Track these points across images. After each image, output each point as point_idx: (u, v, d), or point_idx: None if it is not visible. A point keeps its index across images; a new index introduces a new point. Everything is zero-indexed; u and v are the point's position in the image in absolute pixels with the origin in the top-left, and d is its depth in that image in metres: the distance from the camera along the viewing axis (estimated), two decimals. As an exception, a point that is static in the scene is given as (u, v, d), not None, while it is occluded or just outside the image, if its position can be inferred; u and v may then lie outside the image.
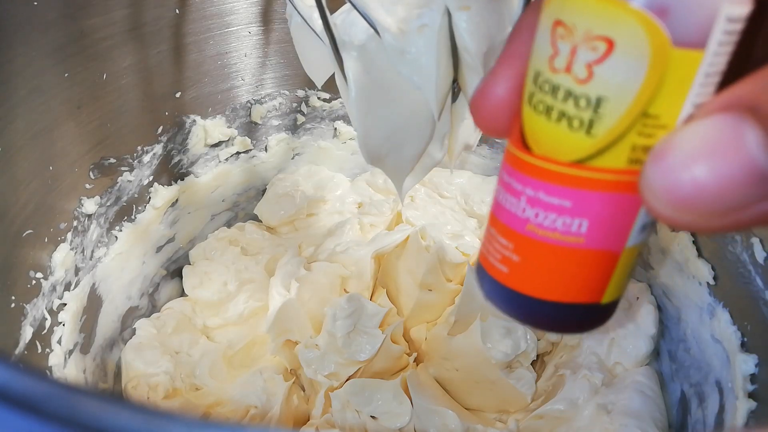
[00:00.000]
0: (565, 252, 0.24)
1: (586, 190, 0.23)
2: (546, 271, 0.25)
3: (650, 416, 0.55)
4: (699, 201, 0.20)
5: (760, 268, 0.50)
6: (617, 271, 0.25)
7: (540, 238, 0.25)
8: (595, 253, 0.24)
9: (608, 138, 0.22)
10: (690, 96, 0.21)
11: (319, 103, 0.76)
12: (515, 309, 0.27)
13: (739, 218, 0.20)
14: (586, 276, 0.25)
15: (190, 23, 0.63)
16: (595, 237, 0.24)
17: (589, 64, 0.22)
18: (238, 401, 0.61)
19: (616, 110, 0.22)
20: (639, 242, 0.25)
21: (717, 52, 0.21)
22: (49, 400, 0.20)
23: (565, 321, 0.26)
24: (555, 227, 0.24)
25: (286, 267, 0.66)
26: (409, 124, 0.42)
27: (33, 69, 0.50)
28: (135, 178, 0.64)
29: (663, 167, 0.20)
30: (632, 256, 0.25)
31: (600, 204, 0.23)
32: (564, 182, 0.23)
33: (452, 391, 0.62)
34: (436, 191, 0.79)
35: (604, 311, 0.26)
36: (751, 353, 0.51)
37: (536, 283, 0.26)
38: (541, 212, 0.24)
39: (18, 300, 0.51)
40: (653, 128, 0.22)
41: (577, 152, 0.23)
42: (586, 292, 0.25)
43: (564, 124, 0.23)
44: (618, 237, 0.24)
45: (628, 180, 0.23)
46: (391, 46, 0.39)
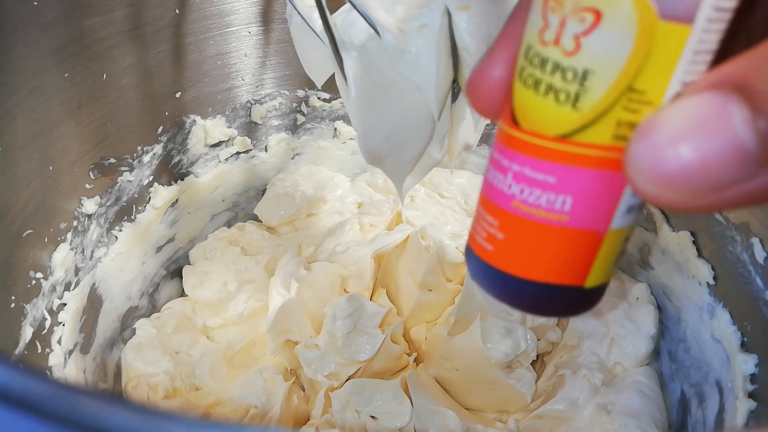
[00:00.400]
0: (548, 230, 0.24)
1: (571, 165, 0.23)
2: (529, 249, 0.25)
3: (650, 416, 0.55)
4: (682, 179, 0.20)
5: (760, 268, 0.50)
6: (601, 254, 0.25)
7: (524, 215, 0.25)
8: (579, 232, 0.24)
9: (594, 112, 0.22)
10: (677, 72, 0.21)
11: (319, 103, 0.76)
12: (498, 288, 0.27)
13: (722, 198, 0.20)
14: (569, 256, 0.25)
15: (190, 23, 0.63)
16: (578, 215, 0.24)
17: (576, 35, 0.22)
18: (238, 401, 0.61)
19: (602, 83, 0.22)
20: (625, 225, 0.24)
21: (706, 29, 0.21)
22: (49, 400, 0.20)
23: (547, 303, 0.26)
24: (539, 204, 0.24)
25: (286, 267, 0.66)
26: (409, 124, 0.42)
27: (33, 69, 0.50)
28: (135, 178, 0.64)
29: (648, 144, 0.20)
30: (617, 239, 0.25)
31: (584, 181, 0.23)
32: (549, 157, 0.23)
33: (452, 391, 0.62)
34: (436, 191, 0.79)
35: (587, 296, 0.26)
36: (751, 353, 0.51)
37: (519, 262, 0.26)
38: (526, 188, 0.24)
39: (18, 300, 0.51)
40: (639, 104, 0.22)
41: (562, 126, 0.23)
42: (569, 274, 0.25)
43: (551, 97, 0.23)
44: (602, 217, 0.24)
45: (613, 157, 0.22)
46: (391, 46, 0.39)
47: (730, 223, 0.53)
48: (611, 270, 0.26)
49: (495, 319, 0.60)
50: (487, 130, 0.75)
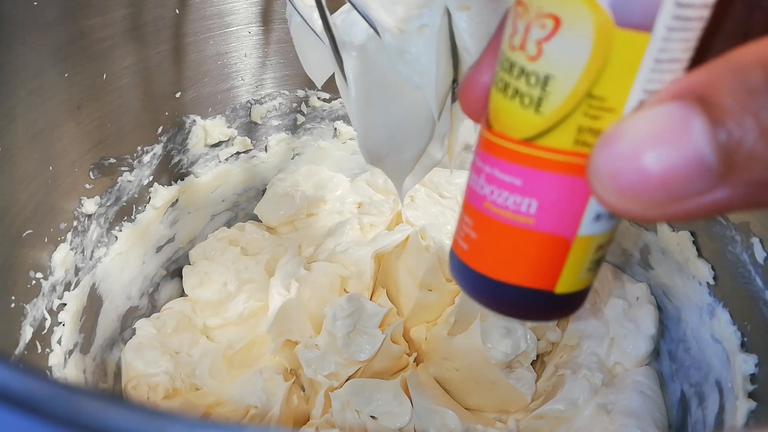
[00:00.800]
0: (515, 232, 0.25)
1: (535, 169, 0.23)
2: (498, 250, 0.25)
3: (650, 416, 0.55)
4: (642, 190, 0.20)
5: (760, 268, 0.50)
6: (571, 261, 0.25)
7: (494, 216, 0.25)
8: (545, 236, 0.24)
9: (555, 116, 0.22)
10: (639, 80, 0.21)
11: (319, 103, 0.76)
12: (471, 287, 0.27)
13: (682, 209, 0.20)
14: (536, 259, 0.25)
15: (190, 23, 0.63)
16: (544, 219, 0.24)
17: (539, 41, 0.22)
18: (238, 401, 0.61)
19: (562, 89, 0.22)
20: (595, 233, 0.24)
21: (667, 38, 0.21)
22: (49, 400, 0.20)
23: (516, 305, 0.26)
24: (507, 206, 0.24)
25: (286, 267, 0.66)
26: (409, 124, 0.42)
27: (33, 69, 0.50)
28: (135, 178, 0.64)
29: (610, 153, 0.20)
30: (588, 247, 0.25)
31: (548, 184, 0.23)
32: (515, 160, 0.24)
33: (452, 391, 0.62)
34: (436, 191, 0.79)
35: (559, 302, 0.26)
36: (751, 353, 0.51)
37: (490, 263, 0.26)
38: (495, 189, 0.25)
39: (18, 300, 0.51)
40: (599, 110, 0.22)
41: (527, 130, 0.23)
42: (537, 277, 0.25)
43: (517, 101, 0.23)
44: (568, 222, 0.24)
45: (576, 162, 0.23)
46: (391, 46, 0.39)
47: (730, 223, 0.53)
48: (586, 278, 0.26)
49: (495, 319, 0.60)
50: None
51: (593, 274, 0.26)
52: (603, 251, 0.25)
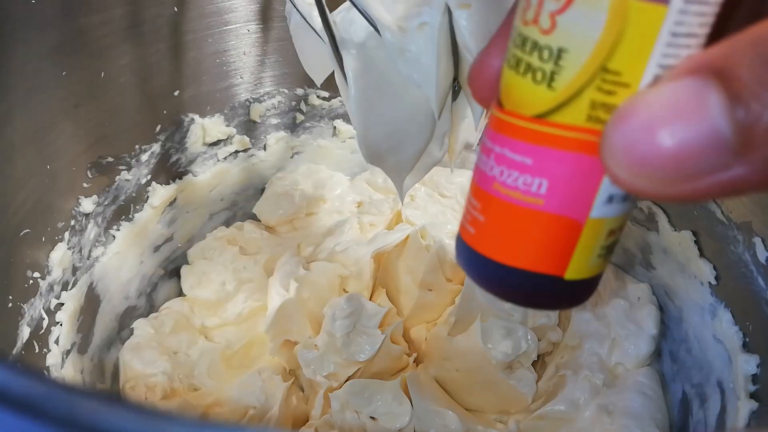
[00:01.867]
0: (525, 213, 0.24)
1: (546, 146, 0.23)
2: (507, 232, 0.25)
3: (651, 417, 0.55)
4: (657, 166, 0.19)
5: (761, 268, 0.50)
6: (581, 245, 0.24)
7: (503, 197, 0.25)
8: (555, 218, 0.24)
9: (568, 91, 0.22)
10: (654, 55, 0.21)
11: (318, 101, 0.75)
12: (479, 273, 0.27)
13: (696, 188, 0.19)
14: (546, 242, 0.24)
15: (188, 21, 0.63)
16: (554, 200, 0.23)
17: (552, 13, 0.22)
18: (236, 402, 0.61)
19: (576, 62, 0.22)
20: (607, 216, 0.24)
21: (684, 10, 0.20)
22: (46, 401, 0.19)
23: (524, 290, 0.26)
24: (517, 186, 0.24)
25: (285, 267, 0.66)
26: (410, 122, 0.42)
27: (30, 67, 0.50)
28: (133, 177, 0.64)
29: (624, 128, 0.20)
30: (600, 230, 0.24)
31: (559, 163, 0.23)
32: (526, 138, 0.23)
33: (452, 391, 0.62)
34: (437, 190, 0.78)
35: (568, 289, 0.25)
36: (752, 353, 0.51)
37: (498, 246, 0.26)
38: (505, 170, 0.24)
39: (15, 300, 0.51)
40: (614, 85, 0.21)
41: (539, 106, 0.23)
42: (547, 262, 0.25)
43: (529, 77, 0.23)
44: (580, 204, 0.23)
45: (589, 140, 0.22)
46: (391, 45, 0.39)
47: (732, 222, 0.53)
48: (597, 264, 0.25)
49: (495, 320, 0.60)
50: (487, 130, 0.75)
51: (604, 261, 0.26)
52: (615, 237, 0.25)
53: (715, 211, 0.55)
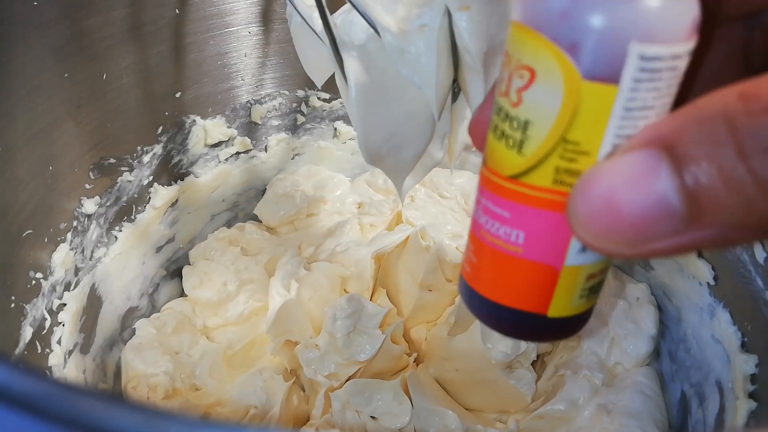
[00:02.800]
0: (507, 259, 0.26)
1: (520, 204, 0.25)
2: (493, 274, 0.27)
3: (650, 416, 0.55)
4: (615, 231, 0.21)
5: (760, 268, 0.50)
6: (560, 288, 0.26)
7: (489, 243, 0.27)
8: (533, 264, 0.26)
9: (534, 158, 0.24)
10: (610, 127, 0.22)
11: (319, 103, 0.76)
12: (474, 307, 0.29)
13: (652, 249, 0.21)
14: (527, 285, 0.26)
15: (190, 23, 0.63)
16: (531, 249, 0.25)
17: (518, 89, 0.24)
18: (237, 401, 0.61)
19: (540, 133, 0.23)
20: (582, 263, 0.25)
21: (635, 88, 0.22)
22: (49, 400, 0.19)
23: (512, 325, 0.28)
24: (498, 235, 0.26)
25: (285, 267, 0.66)
26: (410, 124, 0.42)
27: (32, 68, 0.50)
28: (135, 178, 0.64)
29: (585, 197, 0.21)
30: (576, 276, 0.26)
31: (533, 218, 0.25)
32: (503, 194, 0.25)
33: (452, 391, 0.62)
34: (436, 191, 0.79)
35: (554, 325, 0.27)
36: (751, 353, 0.51)
37: (487, 285, 0.28)
38: (489, 220, 0.26)
39: (18, 300, 0.51)
40: (574, 153, 0.23)
41: (511, 168, 0.25)
42: (529, 301, 0.27)
43: (503, 142, 0.25)
44: (554, 254, 0.25)
45: (556, 199, 0.24)
46: (391, 46, 0.39)
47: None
48: (581, 304, 0.27)
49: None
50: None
51: (588, 300, 0.27)
52: (595, 279, 0.27)
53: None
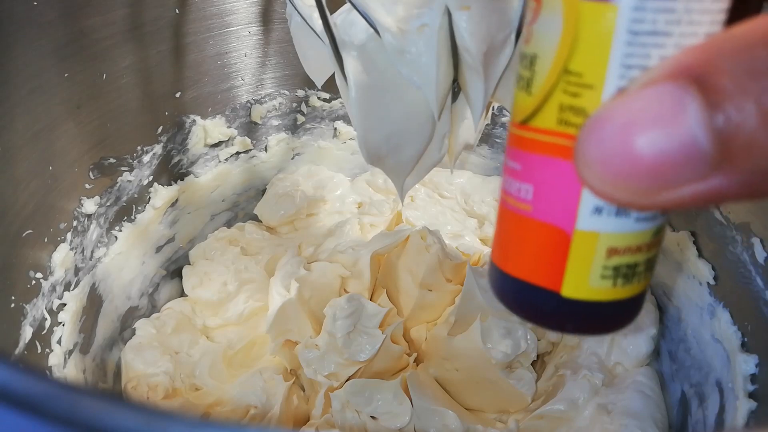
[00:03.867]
0: (517, 220, 0.25)
1: (528, 151, 0.23)
2: (505, 240, 0.26)
3: (650, 416, 0.55)
4: (632, 175, 0.19)
5: (760, 268, 0.50)
6: (573, 258, 0.24)
7: (504, 205, 0.25)
8: (542, 225, 0.24)
9: (540, 95, 0.23)
10: (615, 55, 0.21)
11: (319, 103, 0.76)
12: (490, 282, 0.27)
13: (673, 198, 0.19)
14: (536, 251, 0.24)
15: (189, 23, 0.63)
16: (540, 206, 0.24)
17: (529, 24, 0.23)
18: (237, 401, 0.61)
19: (544, 66, 0.22)
20: (599, 230, 0.23)
21: (639, 7, 0.20)
22: (49, 400, 0.19)
23: (525, 303, 0.26)
24: (511, 192, 0.25)
25: (285, 267, 0.66)
26: (410, 123, 0.42)
27: (32, 69, 0.50)
28: (135, 178, 0.64)
29: (597, 136, 0.19)
30: (592, 245, 0.23)
31: (540, 168, 0.23)
32: (515, 144, 0.24)
33: (452, 391, 0.62)
34: (436, 191, 0.79)
35: (570, 308, 0.24)
36: (751, 353, 0.51)
37: (501, 254, 0.26)
38: (506, 178, 0.25)
39: (18, 300, 0.51)
40: (578, 87, 0.22)
41: (522, 111, 0.24)
42: (540, 273, 0.25)
43: (519, 85, 0.24)
44: (563, 212, 0.23)
45: (562, 144, 0.22)
46: (391, 46, 0.39)
47: (730, 223, 0.53)
48: (602, 287, 0.24)
49: (495, 319, 0.60)
50: (487, 130, 0.75)
51: (615, 285, 0.24)
52: (622, 259, 0.24)
53: (713, 212, 0.55)
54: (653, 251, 0.24)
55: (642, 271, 0.24)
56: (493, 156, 0.78)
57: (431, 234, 0.64)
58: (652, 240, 0.24)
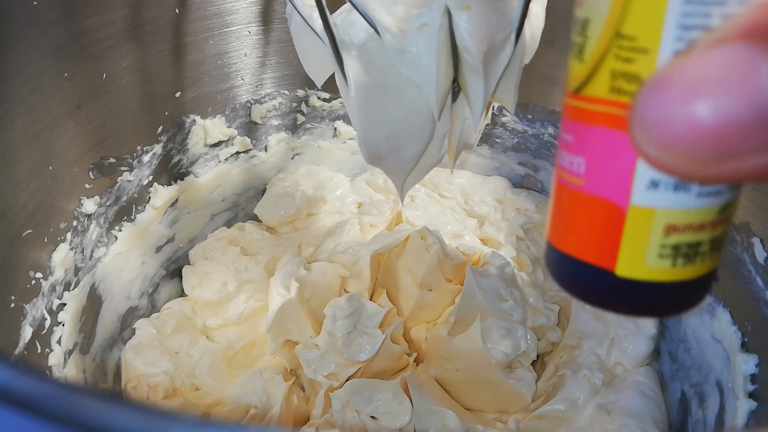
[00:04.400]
0: (569, 195, 0.24)
1: (580, 122, 0.23)
2: (558, 215, 0.25)
3: (650, 416, 0.55)
4: (693, 143, 0.17)
5: (760, 268, 0.50)
6: (628, 235, 0.22)
7: (558, 180, 0.24)
8: (595, 200, 0.23)
9: (591, 61, 0.22)
10: (671, 15, 0.19)
11: (319, 102, 0.76)
12: (547, 261, 0.26)
13: (737, 168, 0.17)
14: (589, 227, 0.23)
15: (189, 23, 0.63)
16: (592, 179, 0.23)
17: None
18: (237, 401, 0.61)
19: (595, 30, 0.21)
20: (656, 206, 0.22)
21: None
22: (49, 400, 0.19)
23: (577, 281, 0.24)
24: (564, 166, 0.24)
25: (286, 267, 0.66)
26: (410, 123, 0.42)
27: (33, 69, 0.50)
28: (135, 177, 0.64)
29: (657, 99, 0.18)
30: (648, 221, 0.22)
31: (592, 139, 0.22)
32: (568, 114, 0.23)
33: (452, 391, 0.62)
34: (436, 191, 0.79)
35: (626, 288, 0.23)
36: (751, 353, 0.51)
37: (556, 232, 0.25)
38: (561, 151, 0.24)
39: (18, 300, 0.51)
40: (631, 51, 0.21)
41: (575, 80, 0.23)
42: (595, 251, 0.23)
43: (572, 53, 0.23)
44: (617, 186, 0.22)
45: (615, 113, 0.21)
46: (391, 46, 0.39)
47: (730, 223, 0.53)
48: (660, 267, 0.23)
49: (495, 319, 0.60)
50: (487, 130, 0.75)
51: (675, 265, 0.23)
52: (683, 237, 0.22)
53: (713, 212, 0.55)
54: (720, 230, 0.23)
55: (706, 251, 0.23)
56: (493, 156, 0.78)
57: (431, 234, 0.64)
58: (718, 217, 0.22)
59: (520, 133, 0.74)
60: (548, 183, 0.75)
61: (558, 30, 0.61)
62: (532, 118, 0.72)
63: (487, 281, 0.62)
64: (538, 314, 0.64)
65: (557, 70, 0.64)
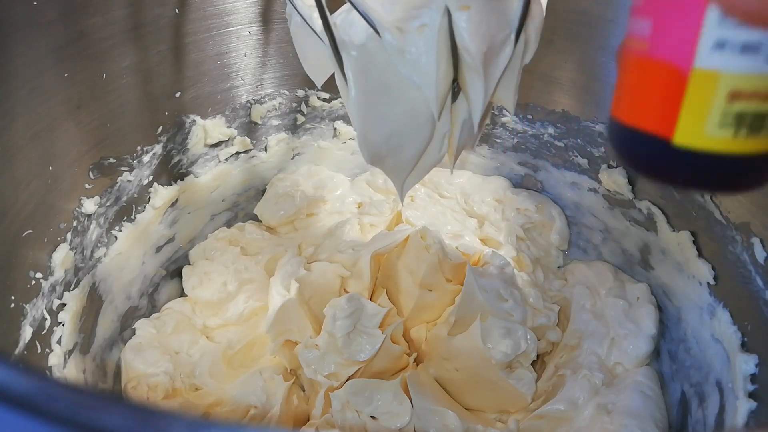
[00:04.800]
0: (633, 61, 0.23)
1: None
2: (622, 86, 0.24)
3: (650, 416, 0.55)
4: None
5: (760, 268, 0.50)
6: (689, 100, 0.21)
7: (625, 48, 0.24)
8: (658, 63, 0.22)
9: None
10: None
11: (318, 103, 0.76)
12: (608, 136, 0.25)
13: None
14: (651, 94, 0.22)
15: (189, 23, 0.63)
16: (657, 42, 0.22)
17: None
18: (237, 401, 0.61)
19: None
20: (720, 69, 0.20)
21: None
22: (49, 400, 0.19)
23: (637, 152, 0.24)
24: (631, 32, 0.23)
25: (285, 267, 0.66)
26: (409, 123, 0.42)
27: (33, 69, 0.50)
28: (135, 178, 0.64)
29: None
30: (712, 85, 0.21)
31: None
32: None
33: (452, 391, 0.62)
34: (436, 191, 0.79)
35: (682, 159, 0.22)
36: (751, 353, 0.51)
37: (617, 102, 0.24)
38: (630, 19, 0.23)
39: (18, 300, 0.51)
40: None
41: None
42: (654, 118, 0.22)
43: None
44: (682, 47, 0.21)
45: None
46: (391, 46, 0.39)
47: (730, 223, 0.53)
48: (720, 136, 0.21)
49: (495, 319, 0.60)
50: (487, 130, 0.75)
51: (737, 136, 0.21)
52: (747, 105, 0.21)
53: (713, 212, 0.55)
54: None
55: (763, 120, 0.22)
56: (493, 156, 0.78)
57: (431, 234, 0.64)
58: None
59: (520, 133, 0.74)
60: (548, 183, 0.75)
61: (558, 30, 0.62)
62: (532, 118, 0.72)
63: (487, 281, 0.62)
64: (538, 314, 0.64)
65: (557, 70, 0.64)
